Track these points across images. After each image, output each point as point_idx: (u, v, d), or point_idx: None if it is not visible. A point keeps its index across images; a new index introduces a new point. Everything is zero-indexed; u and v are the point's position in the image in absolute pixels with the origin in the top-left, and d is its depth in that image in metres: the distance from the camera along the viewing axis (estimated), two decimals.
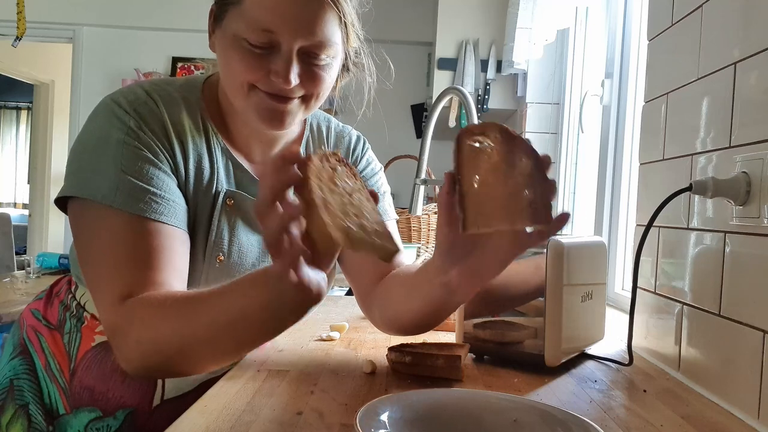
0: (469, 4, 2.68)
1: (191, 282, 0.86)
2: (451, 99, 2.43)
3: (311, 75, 0.83)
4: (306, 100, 0.86)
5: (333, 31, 0.82)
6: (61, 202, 0.83)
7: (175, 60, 4.17)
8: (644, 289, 1.10)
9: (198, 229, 0.87)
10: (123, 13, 4.18)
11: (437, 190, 2.73)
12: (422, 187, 1.61)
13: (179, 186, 0.84)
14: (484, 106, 2.64)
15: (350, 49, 0.91)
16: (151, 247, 0.77)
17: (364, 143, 1.10)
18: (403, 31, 4.14)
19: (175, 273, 0.79)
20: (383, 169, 1.13)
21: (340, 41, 0.85)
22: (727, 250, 0.84)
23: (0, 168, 8.21)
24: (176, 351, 0.71)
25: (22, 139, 8.27)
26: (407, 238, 2.43)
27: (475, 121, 1.48)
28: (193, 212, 0.86)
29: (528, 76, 2.45)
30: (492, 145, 0.67)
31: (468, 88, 2.58)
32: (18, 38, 2.87)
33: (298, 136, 1.02)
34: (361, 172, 1.06)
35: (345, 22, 0.84)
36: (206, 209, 0.87)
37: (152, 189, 0.79)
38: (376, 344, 1.06)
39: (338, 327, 1.13)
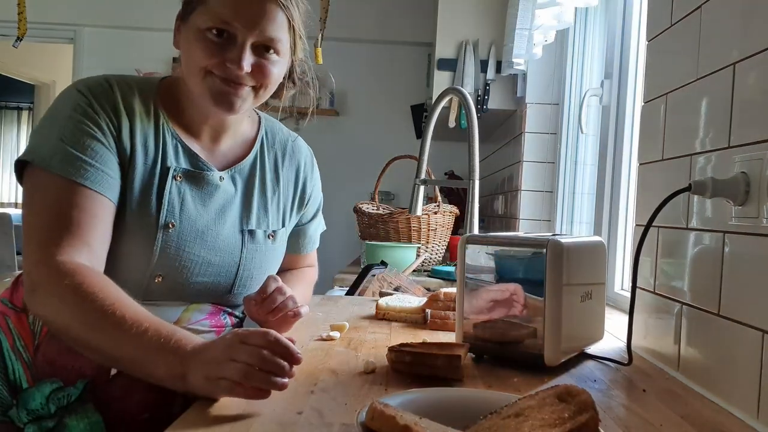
0: (469, 5, 2.69)
1: (148, 245, 0.98)
2: (450, 99, 2.43)
3: (261, 67, 0.99)
4: (255, 90, 1.01)
5: (281, 32, 0.99)
6: (21, 177, 0.97)
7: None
8: (643, 289, 1.10)
9: (149, 198, 1.00)
10: (123, 13, 4.18)
11: (437, 190, 2.73)
12: (422, 187, 1.62)
13: (123, 158, 0.98)
14: (484, 107, 2.64)
15: (297, 61, 1.09)
16: (77, 208, 0.91)
17: (314, 161, 1.27)
18: (403, 32, 4.13)
19: (95, 234, 0.93)
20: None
21: (288, 45, 1.02)
22: (726, 250, 0.84)
23: (0, 168, 8.20)
24: (73, 342, 0.87)
25: (22, 140, 8.26)
26: (407, 238, 2.43)
27: (475, 121, 1.48)
28: (144, 183, 1.00)
29: (528, 76, 2.45)
30: None
31: (468, 89, 2.58)
32: (19, 39, 2.87)
33: (252, 137, 1.16)
34: (313, 190, 1.24)
35: (293, 27, 1.01)
36: (155, 182, 1.01)
37: (86, 158, 0.93)
38: (376, 344, 1.06)
39: (338, 327, 1.14)
